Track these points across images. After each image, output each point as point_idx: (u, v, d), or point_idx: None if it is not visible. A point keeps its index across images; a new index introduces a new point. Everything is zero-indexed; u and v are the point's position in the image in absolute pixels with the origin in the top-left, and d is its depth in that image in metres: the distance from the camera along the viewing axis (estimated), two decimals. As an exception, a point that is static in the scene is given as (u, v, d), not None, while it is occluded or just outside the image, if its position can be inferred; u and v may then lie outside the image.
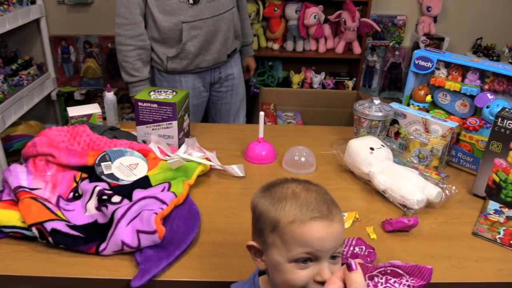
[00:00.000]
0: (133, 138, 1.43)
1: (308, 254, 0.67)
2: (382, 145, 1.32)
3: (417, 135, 1.38)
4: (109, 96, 1.56)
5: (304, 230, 0.66)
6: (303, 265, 0.67)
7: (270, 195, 0.72)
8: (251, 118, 2.44)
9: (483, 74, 1.39)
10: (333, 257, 0.69)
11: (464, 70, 1.42)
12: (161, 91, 1.43)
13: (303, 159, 1.37)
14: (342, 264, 0.94)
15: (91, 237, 1.00)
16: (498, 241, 1.08)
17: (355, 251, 0.96)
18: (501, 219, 1.16)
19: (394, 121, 1.49)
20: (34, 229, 0.98)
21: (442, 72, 1.47)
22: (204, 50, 1.76)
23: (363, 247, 0.97)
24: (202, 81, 1.88)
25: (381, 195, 1.24)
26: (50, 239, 0.98)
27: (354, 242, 0.98)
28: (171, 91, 1.44)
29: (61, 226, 0.99)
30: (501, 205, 1.21)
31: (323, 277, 0.67)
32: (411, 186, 1.18)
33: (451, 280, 0.96)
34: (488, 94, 1.35)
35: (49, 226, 0.98)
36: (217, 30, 1.74)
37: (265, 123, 1.44)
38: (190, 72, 1.81)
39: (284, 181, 0.75)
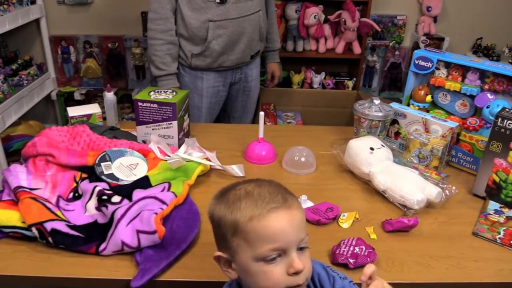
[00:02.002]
0: (133, 138, 1.43)
1: (275, 250, 0.66)
2: (382, 145, 1.32)
3: (417, 135, 1.38)
4: (109, 96, 1.56)
5: (264, 223, 0.66)
6: (272, 262, 0.67)
7: (224, 200, 0.72)
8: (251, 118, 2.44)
9: (483, 74, 1.39)
10: (301, 249, 0.69)
11: (464, 70, 1.42)
12: (161, 91, 1.43)
13: (303, 159, 1.37)
14: (341, 265, 0.95)
15: (91, 237, 1.00)
16: (498, 241, 1.08)
17: (355, 251, 0.96)
18: (501, 219, 1.16)
19: (394, 121, 1.49)
20: (34, 229, 0.98)
21: (442, 72, 1.47)
22: (228, 50, 1.77)
23: (363, 247, 0.97)
24: (223, 80, 1.88)
25: (381, 195, 1.24)
26: (50, 239, 0.97)
27: (354, 242, 0.98)
28: (171, 91, 1.44)
29: (61, 226, 0.99)
30: (501, 205, 1.21)
31: (295, 268, 0.67)
32: (411, 186, 1.18)
33: (451, 280, 0.96)
34: (488, 94, 1.35)
35: (49, 226, 0.98)
36: (243, 31, 1.75)
37: (265, 123, 1.43)
38: (212, 70, 1.82)
39: (235, 184, 0.75)
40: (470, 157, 1.39)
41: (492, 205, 1.21)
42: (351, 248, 0.97)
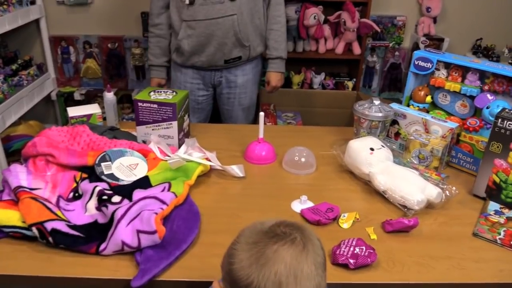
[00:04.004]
0: (133, 138, 1.43)
1: None
2: (382, 146, 1.32)
3: (417, 135, 1.38)
4: (109, 96, 1.56)
5: None
6: None
7: (264, 271, 0.64)
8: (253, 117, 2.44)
9: (483, 75, 1.39)
10: None
11: (464, 70, 1.42)
12: (161, 92, 1.43)
13: (303, 159, 1.37)
14: (341, 265, 0.95)
15: (91, 237, 1.00)
16: (498, 242, 1.08)
17: (355, 252, 0.96)
18: (502, 220, 1.16)
19: (394, 122, 1.49)
20: (34, 229, 0.98)
21: (442, 73, 1.47)
22: (198, 50, 1.80)
23: (363, 247, 0.97)
24: (201, 79, 1.90)
25: (381, 195, 1.24)
26: (50, 239, 0.97)
27: (354, 242, 0.98)
28: (171, 91, 1.44)
29: (61, 226, 0.99)
30: (502, 206, 1.21)
31: None
32: (411, 186, 1.18)
33: (451, 280, 0.96)
34: (488, 95, 1.35)
35: (49, 226, 0.98)
36: (211, 34, 1.75)
37: (265, 124, 1.43)
38: (189, 67, 1.89)
39: (270, 239, 0.67)
40: (470, 158, 1.39)
41: (492, 205, 1.21)
42: (351, 249, 0.97)
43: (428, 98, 1.49)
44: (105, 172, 1.21)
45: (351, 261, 0.94)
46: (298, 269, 0.64)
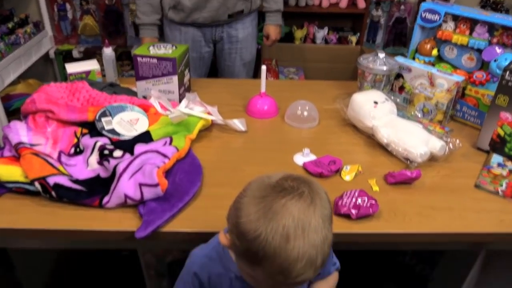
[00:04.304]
0: (133, 94, 1.42)
1: None
2: (386, 99, 1.30)
3: (422, 89, 1.35)
4: (108, 51, 1.53)
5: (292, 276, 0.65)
6: None
7: (272, 225, 0.63)
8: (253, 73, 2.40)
9: (491, 28, 1.35)
10: None
11: (472, 23, 1.38)
12: (160, 46, 1.40)
13: (305, 113, 1.36)
14: (343, 215, 0.95)
15: (94, 190, 1.00)
16: (500, 193, 1.08)
17: (357, 203, 0.96)
18: (504, 172, 1.15)
19: (399, 76, 1.46)
20: (36, 184, 0.98)
21: (450, 26, 1.42)
22: (201, 6, 1.72)
23: (366, 198, 0.97)
24: (202, 35, 1.84)
25: (384, 149, 1.23)
26: (53, 193, 0.98)
27: (356, 193, 0.99)
28: (170, 45, 1.41)
29: (63, 181, 0.99)
30: (505, 159, 1.20)
31: None
32: (415, 139, 1.17)
33: (452, 230, 0.97)
34: (497, 48, 1.32)
35: (51, 180, 0.98)
36: None
37: (266, 78, 1.41)
38: (189, 24, 1.80)
39: (278, 192, 0.66)
40: (475, 112, 1.38)
41: (496, 158, 1.21)
42: (354, 200, 0.97)
43: (434, 51, 1.45)
44: (106, 128, 1.20)
45: (353, 211, 0.95)
46: (305, 222, 0.64)
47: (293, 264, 0.63)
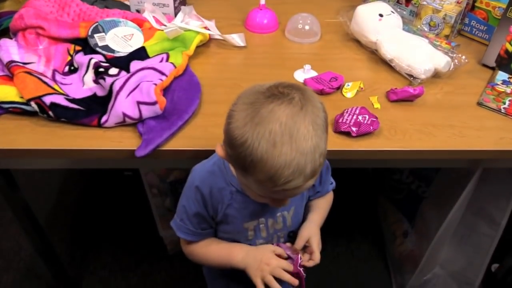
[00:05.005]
0: (126, 7, 1.35)
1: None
2: (392, 12, 1.24)
3: (431, 0, 1.28)
4: (96, -40, 1.42)
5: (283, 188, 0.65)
6: None
7: (259, 129, 0.62)
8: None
9: None
10: None
11: None
12: (151, -46, 1.30)
13: (307, 27, 1.30)
14: (343, 133, 0.95)
15: (92, 109, 0.99)
16: (502, 111, 1.07)
17: (358, 120, 0.95)
18: (508, 90, 1.13)
19: (406, -14, 1.38)
20: (33, 104, 0.96)
21: None
22: None
23: (366, 115, 0.96)
24: None
25: (387, 64, 1.20)
26: (50, 113, 0.96)
27: (357, 111, 0.97)
28: (162, -47, 1.31)
29: (60, 100, 0.97)
30: (510, 76, 1.18)
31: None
32: (419, 55, 1.13)
33: (451, 147, 0.97)
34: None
35: (47, 100, 0.96)
36: None
37: (266, -10, 1.33)
38: None
39: (267, 98, 0.64)
40: (483, 26, 1.32)
41: (501, 75, 1.18)
42: (354, 117, 0.96)
43: (446, -42, 1.35)
44: (100, 44, 1.16)
45: (354, 129, 0.94)
46: (294, 128, 0.62)
47: (281, 170, 0.62)
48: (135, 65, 1.09)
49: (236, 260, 0.86)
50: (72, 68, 1.12)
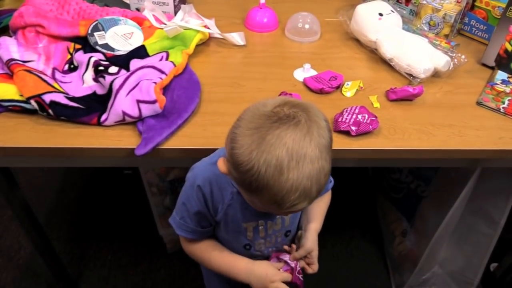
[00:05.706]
0: (126, 6, 1.34)
1: None
2: (392, 11, 1.24)
3: (430, 0, 1.28)
4: (96, -42, 1.42)
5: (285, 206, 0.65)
6: None
7: (266, 154, 0.61)
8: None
9: None
10: None
11: None
12: (152, -48, 1.30)
13: (307, 26, 1.30)
14: (343, 132, 0.95)
15: (92, 108, 0.99)
16: (501, 110, 1.07)
17: (357, 119, 0.96)
18: (507, 89, 1.14)
19: (406, -15, 1.38)
20: (33, 102, 0.96)
21: None
22: None
23: (366, 115, 0.97)
24: None
25: (387, 64, 1.20)
26: (50, 111, 0.96)
27: (357, 110, 0.98)
28: (162, -49, 1.31)
29: (60, 98, 0.97)
30: (510, 75, 1.18)
31: None
32: (419, 54, 1.13)
33: (450, 147, 0.97)
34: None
35: (47, 98, 0.96)
36: None
37: (267, -13, 1.33)
38: None
39: (273, 123, 0.63)
40: (483, 25, 1.32)
41: (500, 75, 1.18)
42: (354, 116, 0.96)
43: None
44: (99, 42, 1.16)
45: (353, 128, 0.95)
46: (300, 153, 0.61)
47: (287, 195, 0.63)
48: (135, 63, 1.09)
49: (241, 277, 0.88)
50: (72, 66, 1.12)
